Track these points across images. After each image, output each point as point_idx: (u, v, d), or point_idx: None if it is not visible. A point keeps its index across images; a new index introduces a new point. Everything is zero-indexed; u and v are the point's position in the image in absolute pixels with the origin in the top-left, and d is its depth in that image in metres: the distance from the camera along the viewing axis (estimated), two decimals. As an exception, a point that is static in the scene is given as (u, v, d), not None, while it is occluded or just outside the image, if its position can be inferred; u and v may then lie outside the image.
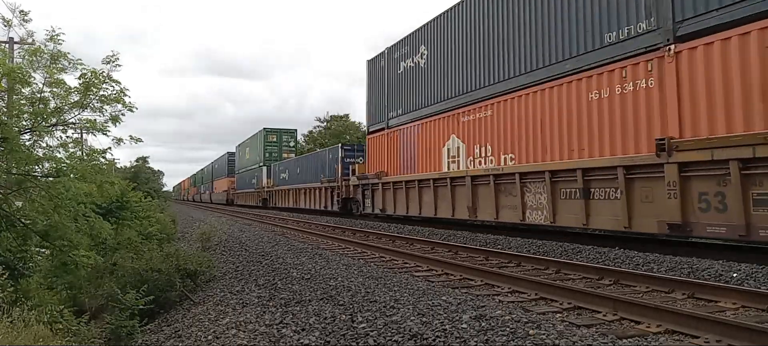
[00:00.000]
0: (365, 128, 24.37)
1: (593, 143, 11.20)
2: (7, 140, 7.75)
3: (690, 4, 9.37)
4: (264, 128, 45.36)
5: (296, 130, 48.31)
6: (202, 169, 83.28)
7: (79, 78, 8.58)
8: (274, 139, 45.57)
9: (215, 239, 15.01)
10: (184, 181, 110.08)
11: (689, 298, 6.29)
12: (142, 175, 33.07)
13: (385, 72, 21.60)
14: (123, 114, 8.98)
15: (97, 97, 8.70)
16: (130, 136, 9.27)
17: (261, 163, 44.37)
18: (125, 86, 8.90)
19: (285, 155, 44.10)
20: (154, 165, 60.65)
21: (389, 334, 5.16)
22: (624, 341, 4.69)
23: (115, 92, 8.75)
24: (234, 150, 60.45)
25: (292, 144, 46.60)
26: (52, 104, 8.71)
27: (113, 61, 8.80)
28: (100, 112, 8.83)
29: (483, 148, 14.86)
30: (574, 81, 11.76)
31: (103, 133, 8.88)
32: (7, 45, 15.40)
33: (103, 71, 8.73)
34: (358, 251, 12.20)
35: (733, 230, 8.46)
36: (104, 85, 8.67)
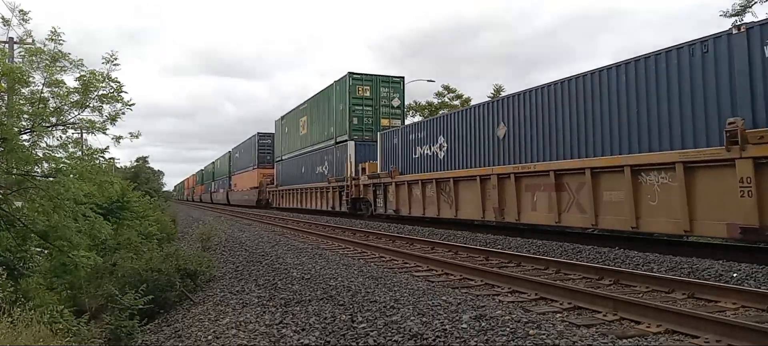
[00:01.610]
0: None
1: None
2: (7, 141, 7.75)
3: None
4: (349, 73, 25.72)
5: (403, 79, 26.81)
6: (213, 163, 65.89)
7: (78, 79, 8.59)
8: (367, 95, 25.69)
9: (215, 239, 15.01)
10: (188, 178, 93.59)
11: (689, 298, 6.29)
12: (142, 175, 33.05)
13: None
14: (123, 113, 9.00)
15: (96, 97, 8.72)
16: (130, 133, 9.31)
17: (343, 137, 25.71)
18: (122, 84, 8.92)
19: (385, 122, 25.47)
20: (154, 165, 59.86)
21: (389, 334, 5.16)
22: (624, 341, 4.69)
23: (112, 90, 8.76)
24: (266, 131, 43.48)
25: (396, 104, 26.33)
26: (51, 104, 8.72)
27: (112, 61, 8.81)
28: (99, 112, 8.84)
29: None
30: None
31: (102, 133, 8.90)
32: (6, 45, 15.40)
33: (103, 71, 8.75)
34: (358, 251, 12.20)
35: None
36: (102, 84, 8.68)
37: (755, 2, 18.94)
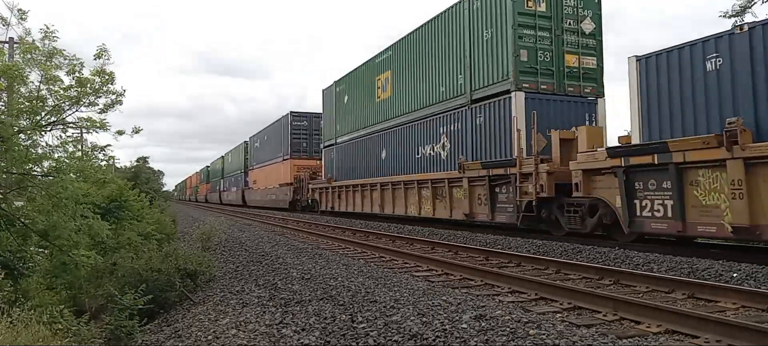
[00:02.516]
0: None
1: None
2: (6, 140, 7.75)
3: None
4: None
5: None
6: (222, 157, 56.92)
7: (68, 73, 8.60)
8: (543, 10, 14.03)
9: (215, 239, 15.00)
10: (191, 176, 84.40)
11: (689, 298, 6.29)
12: (142, 175, 32.99)
13: None
14: (120, 103, 9.03)
15: (92, 91, 8.73)
16: (133, 128, 9.36)
17: (497, 88, 14.39)
18: (113, 73, 8.95)
19: (570, 60, 14.34)
20: (154, 165, 59.36)
21: (389, 334, 5.15)
22: (624, 341, 4.69)
23: (106, 80, 8.79)
24: (306, 111, 33.44)
25: (588, 29, 14.57)
26: (49, 102, 8.72)
27: (102, 55, 8.83)
28: (94, 105, 8.88)
29: None
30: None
31: (103, 129, 8.91)
32: (5, 45, 15.38)
33: (96, 66, 8.77)
34: (358, 250, 12.19)
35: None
36: (96, 78, 8.70)
37: (755, 2, 18.92)
